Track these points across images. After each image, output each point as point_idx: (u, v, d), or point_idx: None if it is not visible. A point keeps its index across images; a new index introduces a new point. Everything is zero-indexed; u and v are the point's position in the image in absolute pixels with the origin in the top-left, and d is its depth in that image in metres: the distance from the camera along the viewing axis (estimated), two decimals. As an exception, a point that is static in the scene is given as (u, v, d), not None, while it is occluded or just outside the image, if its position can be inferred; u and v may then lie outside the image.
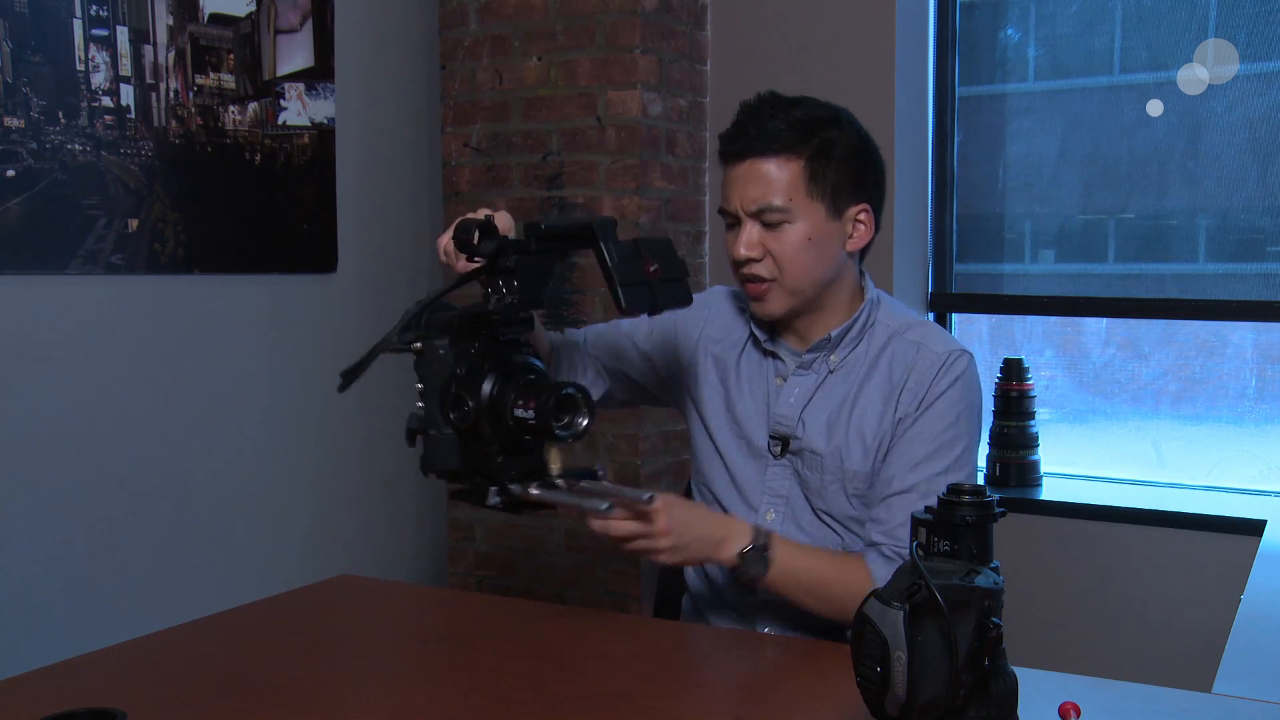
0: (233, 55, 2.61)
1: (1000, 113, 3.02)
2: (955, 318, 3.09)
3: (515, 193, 2.96)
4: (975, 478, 1.63)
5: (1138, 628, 2.68)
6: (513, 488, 1.39)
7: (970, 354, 1.67)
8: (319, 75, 2.81)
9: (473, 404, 1.37)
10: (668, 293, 1.41)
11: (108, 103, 2.36)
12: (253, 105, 2.66)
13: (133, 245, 2.42)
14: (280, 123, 2.72)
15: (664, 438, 2.86)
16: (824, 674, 1.38)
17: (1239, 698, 1.31)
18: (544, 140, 2.92)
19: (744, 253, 1.64)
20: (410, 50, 3.10)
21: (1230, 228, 2.78)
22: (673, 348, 1.83)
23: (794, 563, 1.58)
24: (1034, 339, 3.10)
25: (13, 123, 2.21)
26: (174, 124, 2.49)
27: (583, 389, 1.38)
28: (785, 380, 1.73)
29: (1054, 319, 3.05)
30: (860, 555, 1.62)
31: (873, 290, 1.74)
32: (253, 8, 2.65)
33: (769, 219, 1.63)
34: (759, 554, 1.55)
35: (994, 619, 1.04)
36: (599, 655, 1.40)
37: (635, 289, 1.38)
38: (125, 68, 2.40)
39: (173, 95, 2.49)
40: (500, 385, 1.38)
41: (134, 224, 2.42)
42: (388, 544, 3.08)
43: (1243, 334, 2.86)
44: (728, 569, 1.60)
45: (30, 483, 2.28)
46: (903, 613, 1.02)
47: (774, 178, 1.63)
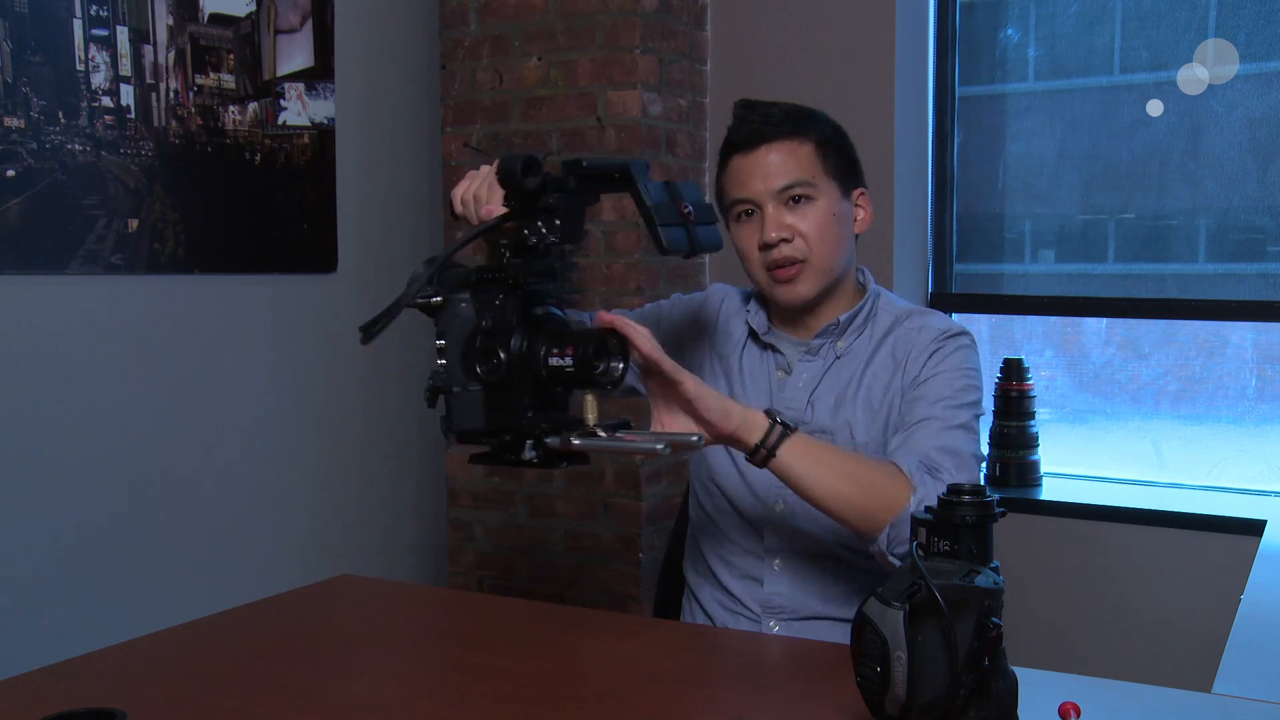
0: (233, 55, 2.61)
1: (1000, 113, 3.02)
2: (955, 318, 3.09)
3: (515, 193, 2.96)
4: (980, 443, 1.65)
5: (1138, 628, 2.68)
6: (549, 440, 1.34)
7: (968, 331, 1.71)
8: (319, 75, 2.81)
9: (504, 355, 1.33)
10: (704, 235, 1.41)
11: (108, 103, 2.36)
12: (253, 105, 2.66)
13: (133, 245, 2.42)
14: (280, 123, 2.72)
15: (664, 438, 2.86)
16: (824, 674, 1.38)
17: (1239, 698, 1.30)
18: (544, 140, 2.92)
19: (774, 235, 1.65)
20: (410, 50, 3.10)
21: (1230, 228, 2.78)
22: (681, 345, 1.84)
23: (813, 442, 1.51)
24: (1034, 339, 3.10)
25: (13, 123, 2.21)
26: (174, 124, 2.49)
27: (616, 334, 1.35)
28: (787, 372, 1.74)
29: (1054, 319, 3.05)
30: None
31: (874, 284, 1.78)
32: (253, 8, 2.65)
33: (796, 193, 1.66)
34: (783, 424, 1.48)
35: (994, 619, 1.04)
36: (599, 655, 1.40)
37: (674, 229, 1.37)
38: (125, 68, 2.40)
39: (173, 95, 2.49)
40: (530, 336, 1.34)
41: (134, 224, 2.42)
42: (388, 544, 3.08)
43: (1243, 334, 2.86)
44: (742, 441, 1.49)
45: (30, 482, 2.28)
46: (903, 613, 1.02)
47: (792, 156, 1.66)
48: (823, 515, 1.54)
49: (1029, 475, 2.87)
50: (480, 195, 1.48)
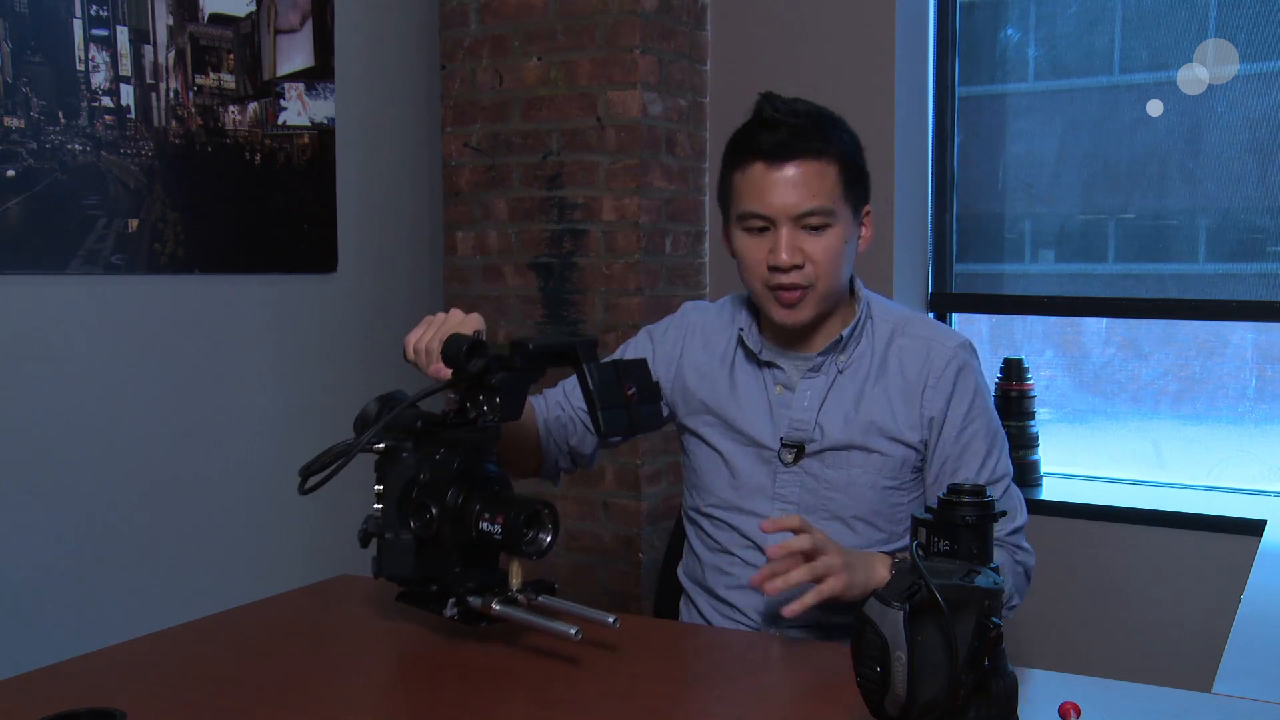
0: (233, 55, 2.61)
1: (1000, 113, 3.02)
2: (955, 318, 3.09)
3: (515, 193, 2.96)
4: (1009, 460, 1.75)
5: (1138, 628, 2.68)
6: (471, 600, 1.38)
7: (968, 340, 1.73)
8: (319, 75, 2.81)
9: (436, 511, 1.37)
10: (643, 415, 1.46)
11: (108, 103, 2.36)
12: (253, 105, 2.66)
13: (133, 245, 2.42)
14: (280, 123, 2.72)
15: (664, 438, 2.86)
16: (824, 674, 1.38)
17: (1239, 698, 1.30)
18: (544, 140, 2.92)
19: (786, 259, 1.62)
20: (410, 50, 3.10)
21: (1230, 228, 2.78)
22: (679, 375, 1.83)
23: None
24: (1034, 339, 3.10)
25: (13, 123, 2.21)
26: (174, 124, 2.49)
27: (550, 505, 1.38)
28: (786, 389, 1.72)
29: (1054, 319, 3.05)
30: None
31: (863, 290, 1.76)
32: (253, 8, 2.65)
33: (813, 222, 1.62)
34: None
35: (994, 619, 1.04)
36: (599, 655, 1.40)
37: (613, 412, 1.42)
38: (125, 68, 2.40)
39: (173, 95, 2.49)
40: (466, 495, 1.38)
41: (134, 224, 2.42)
42: (388, 544, 3.08)
43: (1243, 334, 2.86)
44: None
45: (30, 482, 2.28)
46: (903, 613, 1.02)
47: (818, 179, 1.62)
48: (825, 530, 1.58)
49: (1029, 475, 2.87)
50: (433, 349, 1.48)
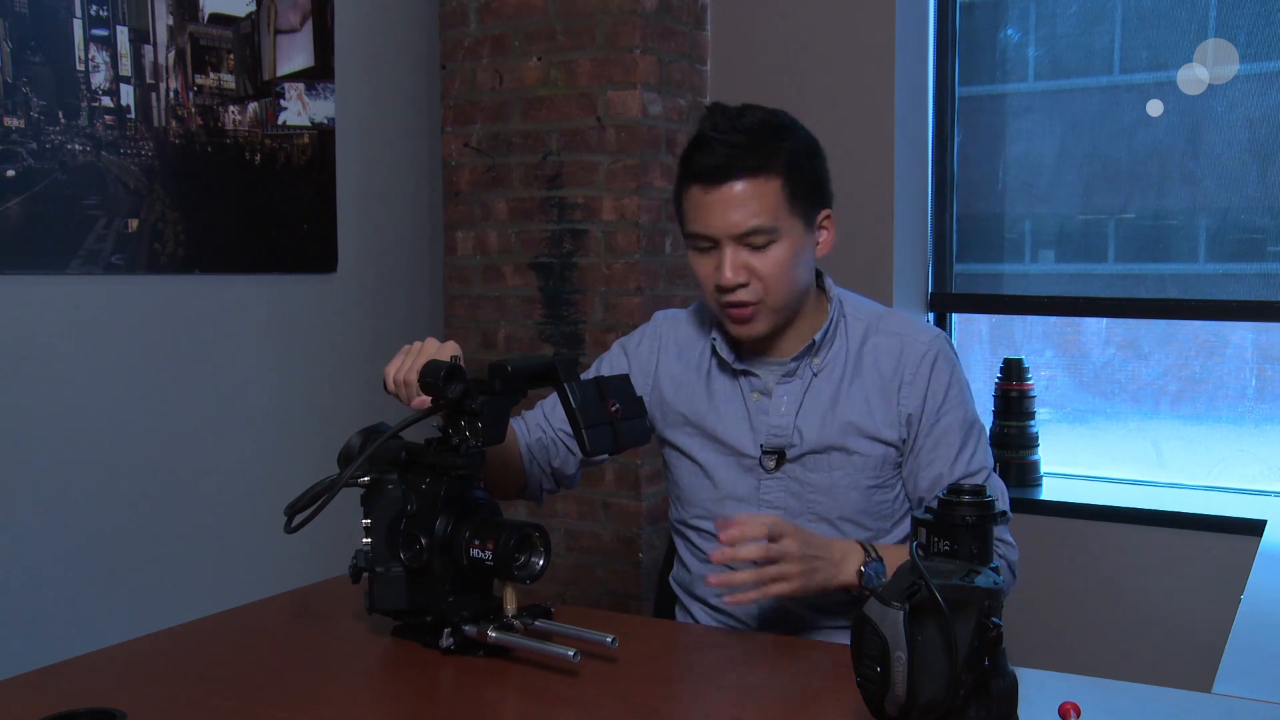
0: (233, 55, 2.61)
1: (1000, 113, 3.02)
2: (955, 318, 3.09)
3: (515, 193, 2.96)
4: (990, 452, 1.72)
5: (1138, 628, 2.68)
6: (466, 629, 1.38)
7: (943, 333, 1.72)
8: (319, 75, 2.81)
9: (425, 542, 1.37)
10: (628, 431, 1.44)
11: (108, 103, 2.36)
12: (253, 105, 2.66)
13: (133, 245, 2.42)
14: (280, 123, 2.72)
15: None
16: (824, 674, 1.38)
17: (1239, 698, 1.30)
18: (544, 140, 2.92)
19: (730, 278, 1.60)
20: (410, 50, 3.10)
21: (1230, 228, 2.78)
22: (656, 387, 1.82)
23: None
24: (1034, 339, 3.10)
25: (13, 123, 2.21)
26: (174, 124, 2.49)
27: (540, 528, 1.38)
28: (763, 395, 1.71)
29: (1054, 319, 3.05)
30: None
31: (835, 288, 1.75)
32: (253, 8, 2.65)
33: (756, 241, 1.60)
34: (878, 565, 1.53)
35: (994, 619, 1.04)
36: (599, 655, 1.40)
37: (598, 430, 1.41)
38: (125, 68, 2.40)
39: (173, 95, 2.49)
40: (454, 523, 1.38)
41: (134, 224, 2.42)
42: (388, 544, 3.08)
43: (1243, 334, 2.86)
44: (844, 589, 1.54)
45: (30, 482, 2.28)
46: (903, 613, 1.02)
47: (758, 198, 1.59)
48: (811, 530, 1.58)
49: (1029, 475, 2.87)
50: (411, 380, 1.47)
